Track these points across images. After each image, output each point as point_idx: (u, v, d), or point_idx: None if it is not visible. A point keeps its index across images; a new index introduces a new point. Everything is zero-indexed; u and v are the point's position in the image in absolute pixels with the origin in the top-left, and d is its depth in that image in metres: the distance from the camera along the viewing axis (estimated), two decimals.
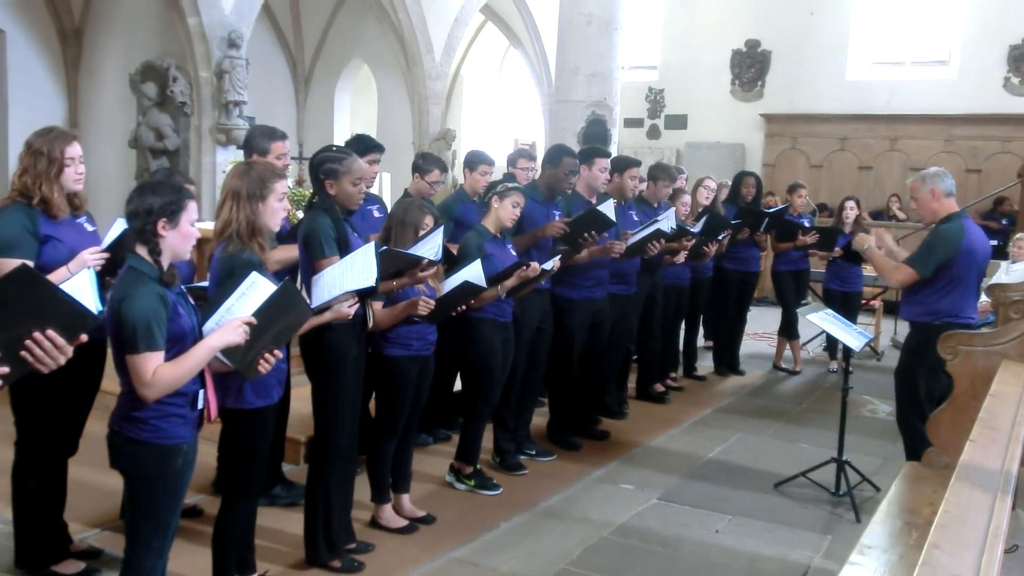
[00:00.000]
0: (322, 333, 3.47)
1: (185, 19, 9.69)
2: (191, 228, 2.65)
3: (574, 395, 5.52)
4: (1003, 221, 11.63)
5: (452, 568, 3.83)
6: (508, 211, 4.45)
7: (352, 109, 16.08)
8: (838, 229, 7.46)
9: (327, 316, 3.37)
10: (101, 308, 2.73)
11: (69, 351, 2.25)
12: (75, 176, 3.32)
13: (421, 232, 3.88)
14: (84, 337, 2.28)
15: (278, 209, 3.13)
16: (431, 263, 3.84)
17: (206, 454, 3.30)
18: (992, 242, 7.14)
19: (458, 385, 5.22)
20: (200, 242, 3.03)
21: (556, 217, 5.04)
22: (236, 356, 2.67)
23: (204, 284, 3.43)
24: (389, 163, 5.70)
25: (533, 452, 5.21)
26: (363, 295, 3.45)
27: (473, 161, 5.55)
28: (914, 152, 13.17)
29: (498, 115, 17.03)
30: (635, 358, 6.66)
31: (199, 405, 2.67)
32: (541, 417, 5.60)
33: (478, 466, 4.72)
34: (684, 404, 6.61)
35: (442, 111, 13.90)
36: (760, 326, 9.26)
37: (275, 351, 2.80)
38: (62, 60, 12.32)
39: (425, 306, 3.81)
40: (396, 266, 3.78)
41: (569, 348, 5.28)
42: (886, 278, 4.77)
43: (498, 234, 4.51)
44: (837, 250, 7.30)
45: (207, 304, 2.79)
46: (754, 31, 14.30)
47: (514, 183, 4.75)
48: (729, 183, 7.74)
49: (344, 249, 3.52)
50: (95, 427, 3.33)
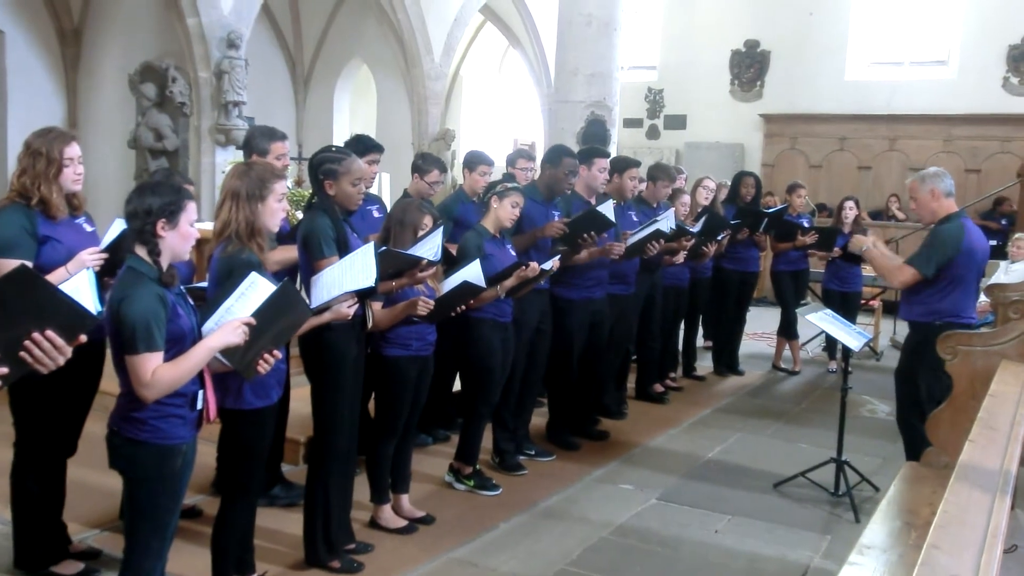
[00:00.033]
0: (321, 333, 3.47)
1: (184, 19, 9.68)
2: (190, 228, 2.65)
3: (573, 395, 5.52)
4: (1002, 221, 11.63)
5: (451, 568, 3.83)
6: (507, 211, 4.45)
7: (351, 109, 16.07)
8: (837, 229, 7.46)
9: (326, 316, 3.37)
10: (100, 308, 2.73)
11: (68, 352, 2.25)
12: (74, 176, 3.32)
13: (420, 232, 3.89)
14: (83, 338, 2.28)
15: (277, 210, 3.13)
16: (430, 263, 3.84)
17: (205, 454, 3.29)
18: (991, 242, 7.15)
19: (457, 385, 5.22)
20: (199, 242, 3.02)
21: (555, 217, 5.04)
22: (235, 356, 2.67)
23: (203, 284, 3.43)
24: (388, 163, 5.70)
25: (532, 452, 5.21)
26: (362, 295, 3.45)
27: (472, 161, 5.55)
28: (913, 152, 13.17)
29: (497, 115, 17.01)
30: (634, 358, 6.66)
31: (198, 405, 2.67)
32: (540, 417, 5.60)
33: (477, 466, 4.72)
34: (683, 404, 6.61)
35: (441, 111, 13.89)
36: (759, 326, 9.26)
37: (274, 351, 2.80)
38: (61, 60, 12.31)
39: (424, 306, 3.81)
40: (395, 266, 3.79)
41: (568, 348, 5.28)
42: (888, 278, 4.76)
43: (497, 234, 4.51)
44: (836, 250, 7.29)
45: (206, 304, 2.79)
46: (753, 31, 14.30)
47: (513, 183, 4.75)
48: (728, 183, 7.74)
49: (343, 249, 3.52)
50: (94, 427, 3.33)
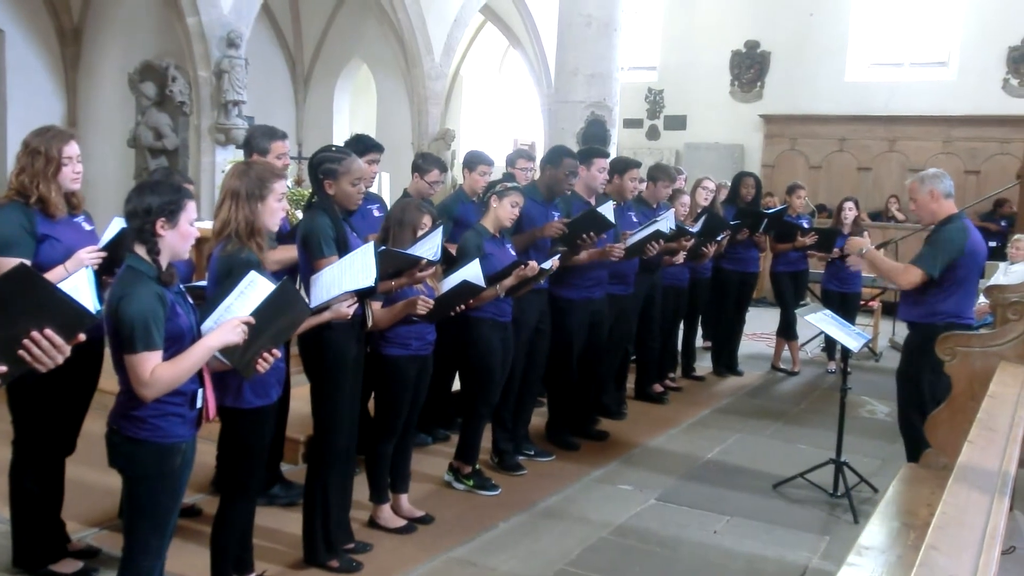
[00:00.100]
0: (321, 333, 3.47)
1: (184, 19, 9.68)
2: (190, 228, 2.65)
3: (573, 395, 5.52)
4: (1002, 223, 11.63)
5: (451, 568, 3.83)
6: (507, 210, 4.45)
7: (351, 109, 16.06)
8: (837, 230, 7.46)
9: (326, 316, 3.37)
10: (99, 307, 2.73)
11: (67, 350, 2.25)
12: (72, 175, 3.32)
13: (419, 232, 3.89)
14: (82, 336, 2.28)
15: (277, 209, 3.13)
16: (430, 263, 3.84)
17: (205, 453, 3.29)
18: (991, 243, 7.16)
19: (457, 385, 5.22)
20: (199, 241, 3.02)
21: (555, 218, 5.04)
22: (234, 355, 2.67)
23: (203, 283, 3.43)
24: (388, 163, 5.70)
25: (532, 452, 5.21)
26: (362, 295, 3.45)
27: (472, 161, 5.55)
28: (913, 153, 13.18)
29: (497, 115, 17.01)
30: (634, 358, 6.66)
31: (198, 404, 2.67)
32: (540, 417, 5.59)
33: (477, 466, 4.72)
34: (683, 404, 6.61)
35: (441, 111, 13.89)
36: (759, 327, 9.26)
37: (273, 350, 2.80)
38: (61, 59, 12.30)
39: (424, 306, 3.81)
40: (395, 266, 3.78)
41: (568, 348, 5.28)
42: (894, 280, 4.69)
43: (497, 234, 4.51)
44: (836, 251, 7.29)
45: (206, 303, 2.79)
46: (753, 32, 14.31)
47: (513, 183, 4.75)
48: (728, 184, 7.74)
49: (343, 249, 3.52)
50: (93, 426, 3.32)
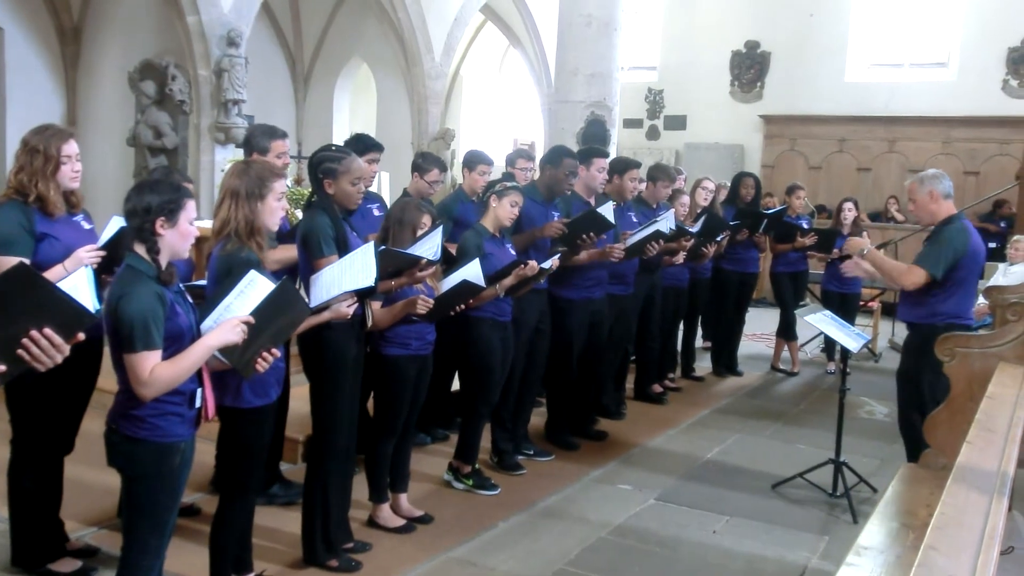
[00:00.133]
0: (321, 332, 3.47)
1: (184, 17, 9.67)
2: (189, 227, 2.64)
3: (572, 395, 5.52)
4: (1001, 224, 11.63)
5: (450, 568, 3.83)
6: (506, 210, 4.45)
7: (351, 108, 16.06)
8: (836, 231, 7.46)
9: (326, 315, 3.37)
10: (98, 306, 2.72)
11: (66, 349, 2.24)
12: (71, 174, 3.32)
13: (419, 232, 3.88)
14: (81, 335, 2.28)
15: (277, 208, 3.13)
16: (429, 263, 3.84)
17: (204, 452, 3.29)
18: (990, 244, 7.16)
19: (456, 385, 5.22)
20: (199, 240, 3.02)
21: (555, 218, 5.04)
22: (234, 355, 2.67)
23: (202, 283, 3.42)
24: (388, 162, 5.70)
25: (531, 452, 5.21)
26: (362, 295, 3.44)
27: (472, 161, 5.55)
28: (912, 154, 13.18)
29: (497, 115, 17.01)
30: (633, 358, 6.66)
31: (197, 403, 2.67)
32: (539, 417, 5.59)
33: (476, 466, 4.72)
34: (682, 405, 6.61)
35: (441, 111, 13.88)
36: (758, 327, 9.26)
37: (273, 350, 2.80)
38: (60, 58, 12.29)
39: (424, 305, 3.81)
40: (395, 266, 3.78)
41: (568, 348, 5.28)
42: (896, 280, 4.61)
43: (497, 233, 4.51)
44: (835, 251, 7.29)
45: (205, 303, 2.79)
46: (753, 32, 14.31)
47: (512, 183, 4.75)
48: (728, 184, 7.74)
49: (343, 248, 3.52)
50: (92, 425, 3.32)
